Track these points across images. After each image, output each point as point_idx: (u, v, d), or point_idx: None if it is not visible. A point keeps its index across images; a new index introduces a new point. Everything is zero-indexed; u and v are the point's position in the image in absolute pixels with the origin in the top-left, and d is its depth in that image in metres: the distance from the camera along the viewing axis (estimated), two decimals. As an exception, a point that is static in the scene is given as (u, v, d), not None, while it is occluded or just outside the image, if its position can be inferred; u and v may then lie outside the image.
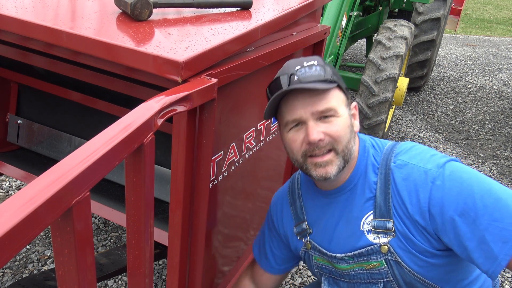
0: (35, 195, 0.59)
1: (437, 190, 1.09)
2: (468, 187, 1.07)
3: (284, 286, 2.35)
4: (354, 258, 1.23)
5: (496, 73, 6.71)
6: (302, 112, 1.10)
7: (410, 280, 1.19)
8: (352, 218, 1.23)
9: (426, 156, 1.16)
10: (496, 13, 12.68)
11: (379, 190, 1.17)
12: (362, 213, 1.21)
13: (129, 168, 0.86)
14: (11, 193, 2.93)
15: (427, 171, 1.12)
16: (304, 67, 1.11)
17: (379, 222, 1.17)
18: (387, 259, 1.18)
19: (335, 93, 1.13)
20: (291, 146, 1.15)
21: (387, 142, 1.26)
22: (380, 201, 1.17)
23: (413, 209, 1.12)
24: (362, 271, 1.24)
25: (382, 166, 1.19)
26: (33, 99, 2.13)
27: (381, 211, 1.17)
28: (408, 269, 1.16)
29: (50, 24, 1.16)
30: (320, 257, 1.32)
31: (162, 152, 1.77)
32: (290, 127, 1.14)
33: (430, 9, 4.82)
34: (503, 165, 3.95)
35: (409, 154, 1.18)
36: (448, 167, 1.12)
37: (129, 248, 0.94)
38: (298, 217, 1.36)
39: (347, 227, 1.24)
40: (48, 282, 1.68)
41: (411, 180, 1.13)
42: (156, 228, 1.58)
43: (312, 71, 1.10)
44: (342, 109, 1.13)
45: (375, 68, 3.49)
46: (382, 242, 1.17)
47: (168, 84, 1.05)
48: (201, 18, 1.37)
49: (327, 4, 3.37)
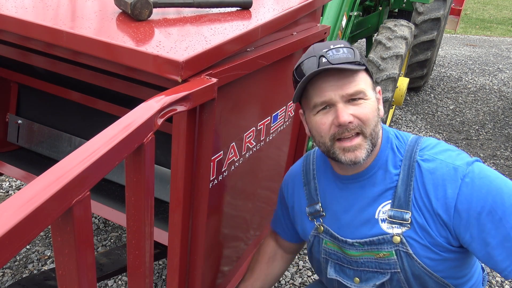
0: (35, 195, 0.59)
1: (466, 186, 1.11)
2: (497, 186, 1.10)
3: (284, 286, 2.36)
4: (364, 245, 1.24)
5: (496, 73, 6.71)
6: (332, 94, 1.11)
7: (419, 273, 1.19)
8: (368, 205, 1.23)
9: (453, 154, 1.18)
10: (496, 13, 12.68)
11: (400, 181, 1.18)
12: (380, 201, 1.21)
13: (129, 168, 0.86)
14: (11, 193, 2.93)
15: (457, 167, 1.13)
16: (331, 49, 1.11)
17: (396, 212, 1.18)
18: (397, 250, 1.19)
19: (364, 76, 1.14)
20: (319, 129, 1.15)
21: (410, 134, 1.27)
22: (400, 191, 1.18)
23: (438, 203, 1.13)
24: (371, 259, 1.24)
25: (406, 158, 1.19)
26: (33, 99, 2.13)
27: (400, 201, 1.18)
28: (419, 261, 1.18)
29: (50, 24, 1.16)
30: (331, 242, 1.32)
31: (162, 152, 1.77)
32: (318, 109, 1.14)
33: (430, 9, 4.82)
34: (503, 165, 3.95)
35: (436, 150, 1.20)
36: (477, 166, 1.14)
37: (129, 248, 0.94)
38: (311, 198, 1.36)
39: (362, 213, 1.24)
40: (48, 282, 1.68)
41: (438, 175, 1.15)
42: (156, 228, 1.58)
43: (340, 54, 1.10)
44: (370, 92, 1.14)
45: (375, 68, 3.49)
46: (395, 233, 1.18)
47: (168, 84, 1.05)
48: (201, 18, 1.37)
49: (327, 4, 3.37)
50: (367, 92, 1.13)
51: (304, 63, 1.13)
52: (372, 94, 1.15)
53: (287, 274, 2.43)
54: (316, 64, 1.10)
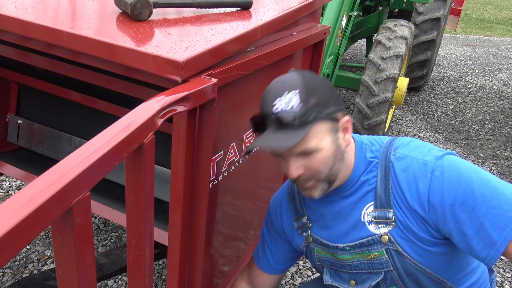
0: (35, 195, 0.59)
1: (436, 180, 1.13)
2: (466, 176, 1.11)
3: (284, 286, 2.36)
4: (355, 248, 1.26)
5: (496, 73, 6.71)
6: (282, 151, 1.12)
7: (411, 270, 1.21)
8: (352, 210, 1.25)
9: (424, 150, 1.20)
10: (496, 13, 12.68)
11: (379, 182, 1.21)
12: (363, 204, 1.24)
13: (129, 168, 0.86)
14: (11, 193, 2.93)
15: (426, 162, 1.16)
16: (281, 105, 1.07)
17: (380, 213, 1.21)
18: (387, 248, 1.21)
19: (316, 129, 1.09)
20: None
21: (385, 137, 1.30)
22: (380, 192, 1.20)
23: (412, 199, 1.16)
24: (363, 261, 1.26)
25: (382, 159, 1.22)
26: (33, 99, 2.13)
27: (382, 201, 1.20)
28: (409, 258, 1.19)
29: (50, 24, 1.16)
30: (322, 250, 1.34)
31: (162, 152, 1.77)
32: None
33: (430, 9, 4.82)
34: (503, 165, 3.95)
35: (408, 148, 1.22)
36: (446, 159, 1.16)
37: (129, 248, 0.94)
38: (298, 212, 1.38)
39: (348, 219, 1.26)
40: (48, 282, 1.68)
41: (410, 172, 1.17)
42: (156, 228, 1.58)
43: (290, 111, 1.06)
44: (324, 141, 1.11)
45: (375, 68, 3.49)
46: (382, 232, 1.21)
47: (168, 84, 1.05)
48: (201, 18, 1.37)
49: (327, 4, 3.37)
50: (320, 144, 1.10)
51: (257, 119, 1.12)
52: (328, 140, 1.11)
53: (287, 274, 2.43)
54: (266, 125, 1.10)
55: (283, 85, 1.11)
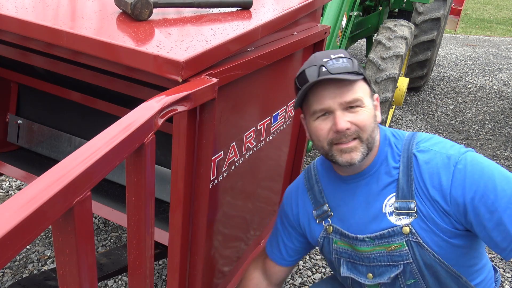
0: (36, 195, 0.59)
1: (459, 173, 1.16)
2: (488, 171, 1.14)
3: (284, 286, 2.35)
4: (375, 239, 1.27)
5: (496, 73, 6.71)
6: (331, 102, 1.16)
7: (430, 262, 1.22)
8: (374, 201, 1.27)
9: (447, 145, 1.24)
10: (496, 13, 12.68)
11: (401, 173, 1.23)
12: (384, 195, 1.26)
13: (129, 168, 0.86)
14: (11, 193, 2.93)
15: (450, 156, 1.19)
16: (331, 59, 1.17)
17: (402, 203, 1.22)
18: (408, 240, 1.22)
19: (361, 85, 1.19)
20: (318, 134, 1.21)
21: (406, 132, 1.34)
22: (402, 183, 1.23)
23: (435, 191, 1.18)
24: (383, 253, 1.27)
25: (404, 151, 1.26)
26: (33, 99, 2.13)
27: (404, 192, 1.22)
28: (429, 249, 1.21)
29: (50, 24, 1.16)
30: (341, 241, 1.35)
31: (162, 152, 1.77)
32: (317, 116, 1.20)
33: (430, 9, 4.82)
34: (503, 165, 3.95)
35: (431, 142, 1.26)
36: (470, 154, 1.20)
37: (130, 248, 0.94)
38: (317, 201, 1.39)
39: (369, 210, 1.28)
40: (48, 282, 1.68)
41: (433, 164, 1.20)
42: (157, 228, 1.58)
43: (339, 63, 1.16)
44: (367, 100, 1.20)
45: (375, 68, 3.49)
46: (404, 224, 1.22)
47: (168, 84, 1.05)
48: (201, 18, 1.37)
49: (327, 4, 3.37)
50: (364, 100, 1.18)
51: (306, 72, 1.18)
52: (370, 102, 1.21)
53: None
54: (316, 73, 1.16)
55: (327, 52, 1.21)
